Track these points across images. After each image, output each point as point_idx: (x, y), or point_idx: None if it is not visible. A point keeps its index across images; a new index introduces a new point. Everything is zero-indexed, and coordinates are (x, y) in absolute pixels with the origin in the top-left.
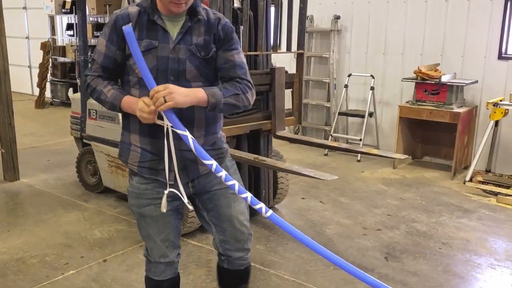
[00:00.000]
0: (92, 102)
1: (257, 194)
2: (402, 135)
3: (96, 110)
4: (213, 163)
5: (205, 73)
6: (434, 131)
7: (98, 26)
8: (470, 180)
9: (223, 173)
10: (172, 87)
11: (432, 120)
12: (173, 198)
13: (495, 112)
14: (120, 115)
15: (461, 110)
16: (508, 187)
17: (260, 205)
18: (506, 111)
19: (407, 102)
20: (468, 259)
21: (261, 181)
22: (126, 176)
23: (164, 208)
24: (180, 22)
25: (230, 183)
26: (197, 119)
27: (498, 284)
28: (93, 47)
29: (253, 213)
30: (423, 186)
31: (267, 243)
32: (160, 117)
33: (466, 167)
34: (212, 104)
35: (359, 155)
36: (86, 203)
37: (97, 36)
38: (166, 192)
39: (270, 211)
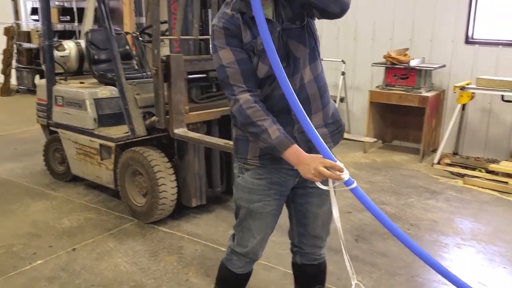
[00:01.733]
0: (58, 89)
1: (228, 179)
2: (373, 119)
3: (62, 97)
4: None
5: (307, 43)
6: (403, 115)
7: (64, 11)
8: (438, 163)
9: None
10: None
11: (401, 105)
12: (281, 195)
13: (462, 96)
14: (89, 102)
15: (429, 94)
16: (474, 169)
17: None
18: (473, 94)
19: (377, 87)
20: (435, 239)
21: (232, 165)
22: (95, 164)
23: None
24: (270, 6)
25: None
26: (311, 95)
27: (464, 262)
28: (60, 32)
29: (226, 199)
30: (392, 169)
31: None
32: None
33: (434, 150)
34: None
35: None
36: (54, 191)
37: (65, 21)
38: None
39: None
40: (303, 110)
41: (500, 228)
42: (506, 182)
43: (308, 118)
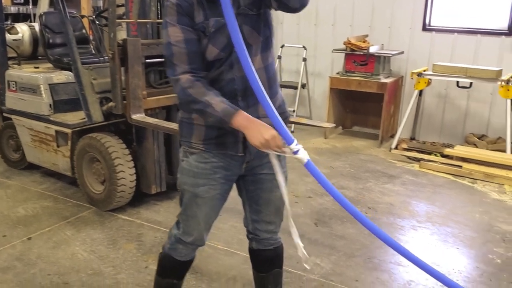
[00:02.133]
0: (11, 73)
1: None
2: (333, 106)
3: (16, 82)
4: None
5: (260, 32)
6: (362, 101)
7: None
8: (396, 148)
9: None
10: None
11: (360, 91)
12: (226, 179)
13: (419, 82)
14: (44, 87)
15: (387, 80)
16: (430, 154)
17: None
18: (429, 81)
19: (337, 73)
20: (392, 222)
21: None
22: (51, 151)
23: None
24: None
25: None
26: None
27: (419, 243)
28: (13, 15)
29: None
30: (351, 155)
31: None
32: None
33: (392, 136)
34: None
35: (293, 126)
36: (8, 180)
37: (18, 3)
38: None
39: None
40: (263, 90)
41: (453, 210)
42: (460, 166)
43: (268, 98)
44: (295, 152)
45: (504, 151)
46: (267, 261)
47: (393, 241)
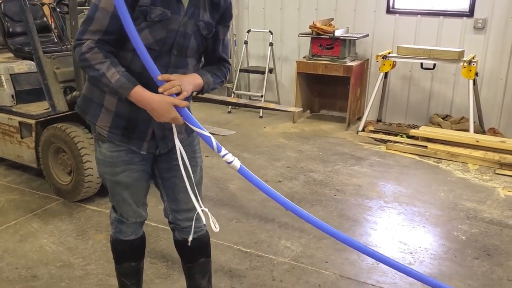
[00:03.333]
0: None
1: None
2: (301, 90)
3: None
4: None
5: (201, 50)
6: (330, 85)
7: None
8: (363, 130)
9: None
10: (180, 77)
11: (327, 74)
12: (145, 160)
13: (384, 65)
14: (5, 77)
15: (353, 63)
16: (396, 135)
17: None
18: (394, 63)
19: (304, 57)
20: (360, 203)
21: None
22: (15, 143)
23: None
24: None
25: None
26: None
27: (387, 223)
28: None
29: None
30: (320, 138)
31: None
32: None
33: (359, 118)
34: (204, 90)
35: (261, 111)
36: None
37: None
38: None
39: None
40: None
41: (419, 190)
42: (425, 146)
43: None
44: (228, 162)
45: (467, 130)
46: (192, 251)
47: (334, 231)
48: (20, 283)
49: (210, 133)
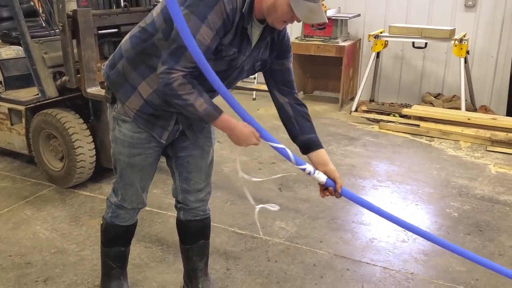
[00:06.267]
0: None
1: None
2: (293, 71)
3: None
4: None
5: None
6: (322, 65)
7: None
8: (356, 110)
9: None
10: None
11: (320, 55)
12: (160, 147)
13: (376, 44)
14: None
15: (345, 43)
16: (388, 114)
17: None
18: (386, 42)
19: (296, 38)
20: (354, 183)
21: None
22: (5, 130)
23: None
24: (260, 30)
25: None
26: None
27: (379, 202)
28: None
29: None
30: (313, 119)
31: (164, 186)
32: None
33: (352, 98)
34: None
35: (255, 93)
36: None
37: None
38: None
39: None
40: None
41: (412, 168)
42: (418, 125)
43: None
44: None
45: (459, 108)
46: (194, 233)
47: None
48: (14, 270)
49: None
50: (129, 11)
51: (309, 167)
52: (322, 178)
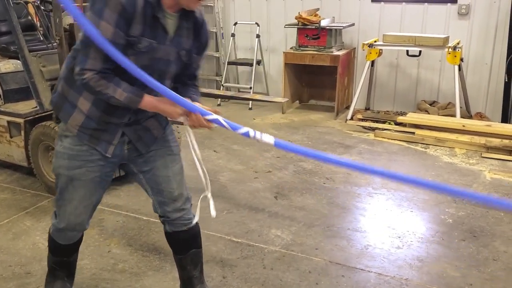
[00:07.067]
0: None
1: None
2: (289, 80)
3: None
4: (249, 129)
5: (177, 73)
6: (317, 74)
7: None
8: (351, 119)
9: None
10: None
11: (314, 64)
12: (107, 162)
13: (370, 53)
14: None
15: (340, 53)
16: (384, 122)
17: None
18: (380, 51)
19: (291, 48)
20: (349, 190)
21: None
22: (5, 143)
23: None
24: (175, 20)
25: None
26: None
27: (375, 209)
28: None
29: None
30: (309, 128)
31: None
32: None
33: (348, 107)
34: None
35: (251, 103)
36: None
37: None
38: None
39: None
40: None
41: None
42: (413, 133)
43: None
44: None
45: (454, 115)
46: (183, 243)
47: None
48: (14, 280)
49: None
50: None
51: (246, 129)
52: (267, 138)
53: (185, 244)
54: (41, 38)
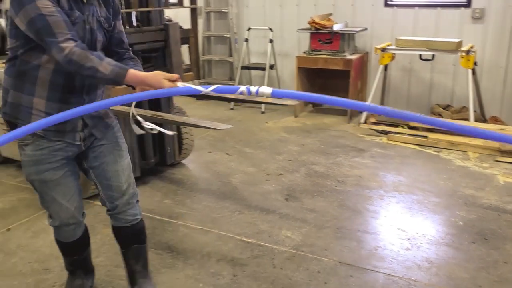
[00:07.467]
0: None
1: (161, 151)
2: (302, 84)
3: None
4: (244, 87)
5: (106, 43)
6: (330, 78)
7: None
8: (364, 122)
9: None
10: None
11: (327, 68)
12: (67, 159)
13: (383, 57)
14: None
15: (353, 57)
16: (397, 126)
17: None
18: (393, 55)
19: (304, 52)
20: (360, 193)
21: (165, 138)
22: None
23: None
24: None
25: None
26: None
27: (386, 212)
28: None
29: (161, 170)
30: (322, 131)
31: (175, 197)
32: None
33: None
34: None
35: (263, 107)
36: None
37: None
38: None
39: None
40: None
41: (418, 178)
42: (426, 136)
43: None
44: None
45: (468, 119)
46: (126, 238)
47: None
48: (33, 276)
49: (207, 127)
50: (141, 30)
51: (243, 87)
52: (264, 89)
53: (128, 239)
54: None
